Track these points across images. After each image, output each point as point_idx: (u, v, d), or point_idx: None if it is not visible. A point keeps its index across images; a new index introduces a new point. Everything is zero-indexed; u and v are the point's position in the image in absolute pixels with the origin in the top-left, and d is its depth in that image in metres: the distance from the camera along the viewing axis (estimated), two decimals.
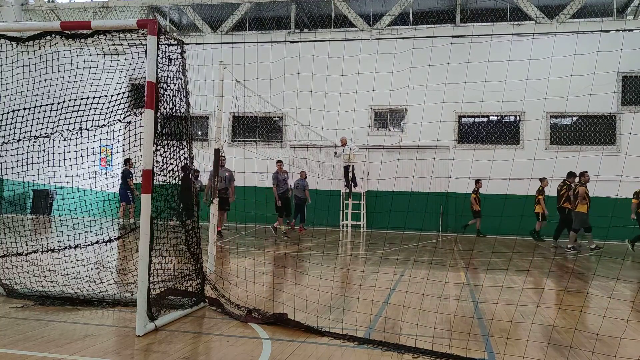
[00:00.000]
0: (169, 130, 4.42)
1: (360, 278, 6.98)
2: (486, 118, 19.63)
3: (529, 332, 4.22)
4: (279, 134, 21.53)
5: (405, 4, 20.14)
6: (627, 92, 18.59)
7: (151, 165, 4.05)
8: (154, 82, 4.07)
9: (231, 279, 6.37)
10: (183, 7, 22.30)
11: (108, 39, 4.50)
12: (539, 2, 19.21)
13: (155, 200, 4.18)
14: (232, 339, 3.90)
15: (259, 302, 5.06)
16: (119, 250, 8.74)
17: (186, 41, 4.95)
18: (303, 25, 22.07)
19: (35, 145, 5.38)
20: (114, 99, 5.06)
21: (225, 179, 12.77)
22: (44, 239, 6.48)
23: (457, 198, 18.65)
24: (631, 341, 4.18)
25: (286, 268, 7.95)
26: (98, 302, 4.81)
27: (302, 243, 12.69)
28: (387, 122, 20.56)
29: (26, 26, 4.90)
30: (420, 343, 3.78)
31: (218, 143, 7.19)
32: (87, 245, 5.56)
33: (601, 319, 4.87)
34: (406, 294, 5.50)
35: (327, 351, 3.66)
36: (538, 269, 8.92)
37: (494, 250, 12.21)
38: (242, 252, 10.14)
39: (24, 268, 5.44)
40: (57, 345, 3.57)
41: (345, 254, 10.81)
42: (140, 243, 3.95)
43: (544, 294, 6.05)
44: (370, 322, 4.48)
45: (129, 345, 3.64)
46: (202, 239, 4.93)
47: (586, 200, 12.33)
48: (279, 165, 14.69)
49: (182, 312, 4.50)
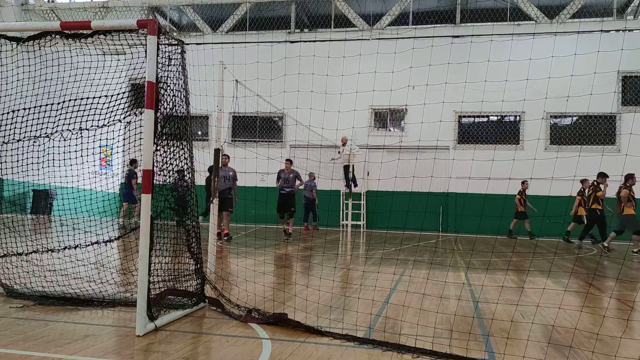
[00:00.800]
0: (169, 130, 4.42)
1: (360, 278, 6.98)
2: (486, 118, 19.63)
3: (529, 332, 4.22)
4: (279, 134, 21.53)
5: (405, 4, 20.14)
6: (627, 92, 18.59)
7: (151, 165, 4.05)
8: (154, 82, 4.07)
9: (231, 279, 6.38)
10: (183, 7, 22.30)
11: (108, 39, 4.50)
12: (539, 2, 19.21)
13: (156, 200, 4.18)
14: (232, 339, 3.90)
15: (259, 302, 5.06)
16: (119, 250, 8.73)
17: (186, 41, 4.95)
18: (303, 25, 22.07)
19: (35, 145, 5.38)
20: (114, 99, 5.06)
21: (228, 179, 12.45)
22: (44, 239, 6.49)
23: (457, 198, 18.65)
24: (631, 341, 4.18)
25: (286, 268, 7.95)
26: (98, 302, 4.81)
27: (302, 243, 12.69)
28: (387, 122, 20.56)
29: (26, 26, 4.90)
30: (421, 343, 3.78)
31: (218, 143, 7.19)
32: (87, 245, 5.56)
33: (601, 319, 4.88)
34: (406, 294, 5.50)
35: (327, 351, 3.66)
36: (538, 269, 8.92)
37: (494, 250, 12.20)
38: (242, 252, 10.14)
39: (24, 268, 5.44)
40: (57, 345, 3.57)
41: (345, 254, 10.81)
42: (140, 243, 3.95)
43: (544, 294, 6.05)
44: (370, 322, 4.48)
45: (129, 345, 3.64)
46: (202, 239, 4.93)
47: (632, 203, 12.13)
48: (286, 163, 14.10)
49: (182, 312, 4.50)
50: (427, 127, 16.11)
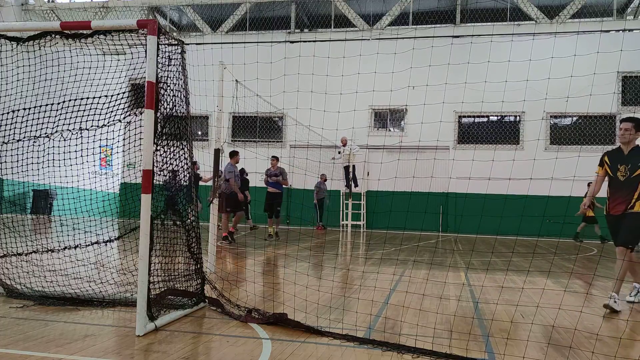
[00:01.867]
0: (169, 130, 4.42)
1: (360, 278, 6.98)
2: (486, 118, 19.64)
3: (529, 332, 4.21)
4: (279, 134, 21.53)
5: (405, 4, 20.13)
6: (627, 92, 18.60)
7: (151, 165, 4.05)
8: (154, 82, 4.07)
9: (231, 279, 6.37)
10: (183, 7, 22.31)
11: (108, 39, 4.50)
12: (539, 2, 19.22)
13: (156, 200, 4.18)
14: (232, 339, 3.90)
15: (259, 302, 5.06)
16: (119, 250, 8.73)
17: (186, 41, 4.95)
18: (303, 25, 22.07)
19: (35, 145, 5.38)
20: (114, 99, 5.05)
21: (234, 176, 12.04)
22: (44, 239, 6.48)
23: (457, 198, 18.66)
24: (631, 341, 4.18)
25: (286, 268, 7.95)
26: (98, 302, 4.81)
27: (302, 243, 12.69)
28: (387, 122, 20.56)
29: (26, 26, 4.90)
30: (420, 343, 3.78)
31: (218, 143, 7.19)
32: (87, 245, 5.56)
33: (601, 319, 4.88)
34: (406, 294, 5.50)
35: (327, 351, 3.66)
36: (538, 269, 8.92)
37: (494, 250, 12.20)
38: (242, 252, 10.15)
39: (24, 268, 5.44)
40: (57, 345, 3.57)
41: (345, 254, 10.81)
42: (140, 243, 3.95)
43: (544, 294, 6.05)
44: (370, 322, 4.48)
45: (129, 345, 3.64)
46: (202, 239, 4.93)
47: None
48: (273, 160, 13.43)
49: (182, 312, 4.50)
50: (427, 127, 16.13)
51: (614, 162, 5.70)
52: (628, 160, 5.60)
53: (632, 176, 5.49)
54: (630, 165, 5.55)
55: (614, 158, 5.73)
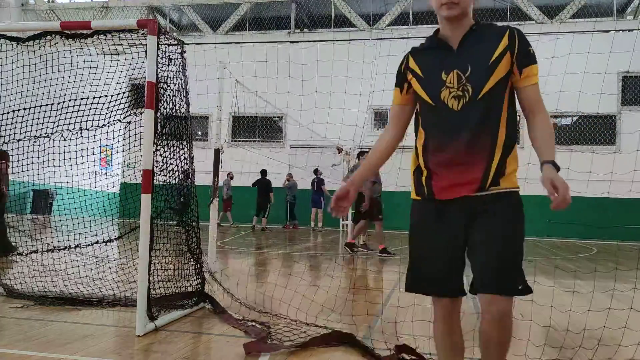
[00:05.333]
0: (169, 130, 4.42)
1: (360, 278, 6.98)
2: None
3: (529, 332, 4.21)
4: (279, 134, 21.53)
5: (405, 4, 20.14)
6: (627, 92, 18.59)
7: (151, 165, 4.05)
8: (154, 82, 4.07)
9: (231, 279, 6.37)
10: (183, 7, 22.32)
11: (108, 39, 4.50)
12: (539, 2, 19.21)
13: (156, 200, 4.18)
14: (232, 338, 3.90)
15: (259, 302, 5.05)
16: (119, 250, 8.73)
17: (186, 41, 4.95)
18: (303, 25, 22.07)
19: (35, 145, 5.38)
20: (114, 99, 5.05)
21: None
22: (44, 239, 6.48)
23: None
24: (631, 341, 4.18)
25: (285, 268, 7.95)
26: (98, 302, 4.81)
27: (302, 243, 12.69)
28: (387, 122, 20.58)
29: (26, 26, 4.90)
30: (420, 343, 3.78)
31: (218, 143, 7.19)
32: (87, 245, 5.55)
33: (601, 319, 4.87)
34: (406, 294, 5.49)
35: (327, 351, 3.66)
36: (538, 269, 8.91)
37: None
38: (242, 252, 10.15)
39: (24, 268, 5.44)
40: (57, 345, 3.57)
41: (345, 254, 10.80)
42: (140, 243, 3.95)
43: (544, 294, 6.04)
44: (370, 322, 4.48)
45: (129, 345, 3.64)
46: (201, 239, 4.93)
47: None
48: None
49: (182, 312, 4.50)
50: None
51: None
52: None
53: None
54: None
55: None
